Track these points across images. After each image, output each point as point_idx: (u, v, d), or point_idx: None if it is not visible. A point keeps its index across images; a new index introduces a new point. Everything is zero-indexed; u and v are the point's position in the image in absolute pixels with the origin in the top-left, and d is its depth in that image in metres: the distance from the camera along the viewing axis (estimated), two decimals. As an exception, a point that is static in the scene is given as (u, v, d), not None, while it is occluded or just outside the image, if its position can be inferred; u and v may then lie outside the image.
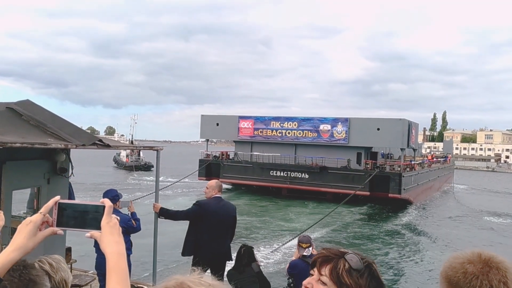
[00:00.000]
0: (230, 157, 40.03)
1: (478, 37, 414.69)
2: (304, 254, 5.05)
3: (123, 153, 63.59)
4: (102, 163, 62.42)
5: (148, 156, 57.88)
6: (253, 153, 38.79)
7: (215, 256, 5.57)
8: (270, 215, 27.04)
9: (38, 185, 5.13)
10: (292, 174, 35.19)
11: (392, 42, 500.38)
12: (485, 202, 38.69)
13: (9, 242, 1.25)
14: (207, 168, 38.20)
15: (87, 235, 1.26)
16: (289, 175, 35.21)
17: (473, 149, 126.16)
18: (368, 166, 33.45)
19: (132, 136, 68.58)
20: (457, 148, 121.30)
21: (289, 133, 38.00)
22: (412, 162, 38.40)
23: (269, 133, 38.79)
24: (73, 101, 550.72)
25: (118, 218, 1.29)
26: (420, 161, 42.50)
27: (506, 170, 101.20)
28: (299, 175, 34.97)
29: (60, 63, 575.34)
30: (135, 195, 25.95)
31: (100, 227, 1.24)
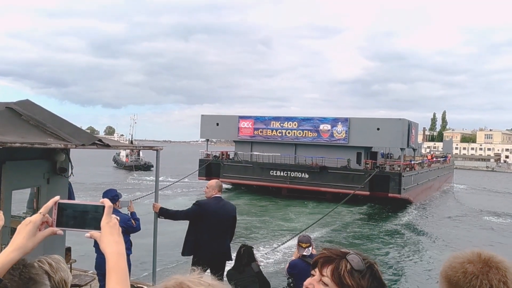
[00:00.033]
0: (230, 157, 40.03)
1: (478, 37, 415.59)
2: (304, 254, 5.05)
3: (123, 153, 63.61)
4: (102, 163, 62.40)
5: (148, 156, 57.90)
6: (253, 153, 38.79)
7: (215, 256, 5.57)
8: (270, 215, 27.04)
9: (38, 185, 5.13)
10: (292, 174, 35.20)
11: (392, 42, 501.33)
12: (485, 202, 38.69)
13: (9, 242, 1.25)
14: (207, 168, 38.20)
15: (87, 235, 1.26)
16: (289, 175, 35.22)
17: (473, 149, 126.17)
18: (368, 166, 33.44)
19: (132, 136, 68.59)
20: (457, 148, 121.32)
21: (289, 133, 38.00)
22: (412, 162, 38.41)
23: (269, 133, 38.79)
24: (73, 101, 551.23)
25: (118, 218, 1.29)
26: (420, 161, 42.52)
27: (506, 170, 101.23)
28: (299, 175, 34.98)
29: (60, 63, 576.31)
30: (135, 195, 25.94)
31: (100, 227, 1.24)
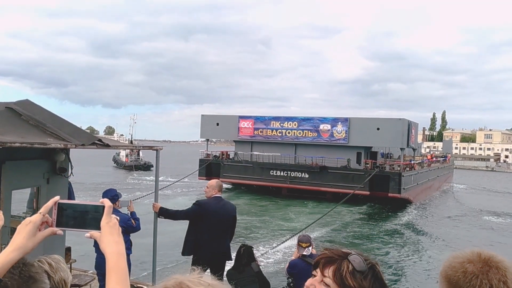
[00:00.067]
0: (230, 157, 40.04)
1: (478, 37, 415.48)
2: (304, 254, 5.05)
3: (123, 153, 63.61)
4: (102, 163, 62.40)
5: (148, 156, 57.90)
6: (253, 153, 38.79)
7: (215, 256, 5.57)
8: (270, 215, 27.04)
9: (38, 185, 5.12)
10: (292, 174, 35.20)
11: (392, 42, 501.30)
12: (485, 202, 38.69)
13: (9, 242, 1.25)
14: (207, 168, 38.21)
15: (87, 235, 1.26)
16: (289, 175, 35.22)
17: (473, 149, 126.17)
18: (368, 166, 33.44)
19: (132, 136, 68.60)
20: (457, 148, 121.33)
21: (289, 133, 38.00)
22: (412, 162, 38.41)
23: (269, 133, 38.79)
24: (73, 101, 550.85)
25: (118, 218, 1.29)
26: (420, 161, 42.53)
27: (506, 170, 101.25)
28: (299, 175, 34.98)
29: (60, 63, 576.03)
30: (135, 195, 25.93)
31: (100, 227, 1.24)
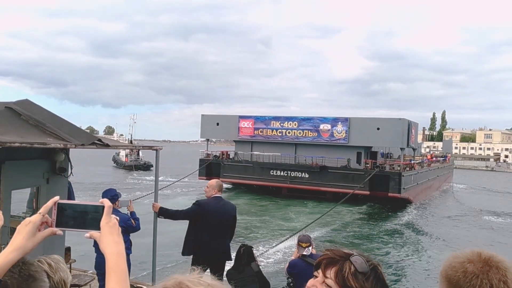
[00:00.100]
0: (231, 157, 40.05)
1: (478, 37, 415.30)
2: (304, 254, 5.05)
3: (122, 153, 63.64)
4: (101, 163, 62.41)
5: (148, 156, 57.89)
6: (253, 153, 38.80)
7: (215, 256, 5.57)
8: (270, 215, 27.05)
9: (37, 185, 5.12)
10: (292, 174, 35.21)
11: (392, 42, 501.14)
12: (485, 202, 38.71)
13: (9, 242, 1.25)
14: (208, 168, 38.22)
15: (87, 236, 1.26)
16: (289, 175, 35.23)
17: (472, 149, 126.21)
18: (368, 166, 33.45)
19: (131, 136, 68.58)
20: (457, 148, 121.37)
21: (289, 133, 38.01)
22: (412, 162, 38.44)
23: (269, 133, 38.80)
24: (72, 101, 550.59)
25: (118, 218, 1.29)
26: (420, 161, 42.56)
27: (505, 170, 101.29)
28: (299, 175, 34.99)
29: (60, 63, 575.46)
30: (135, 195, 25.94)
31: (100, 227, 1.24)
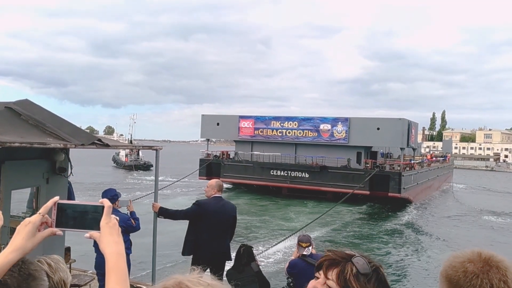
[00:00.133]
0: (231, 157, 40.06)
1: (478, 37, 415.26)
2: (304, 254, 5.04)
3: (122, 153, 63.64)
4: (101, 163, 62.42)
5: (147, 156, 57.90)
6: (254, 153, 38.81)
7: (215, 256, 5.56)
8: (270, 215, 27.06)
9: (37, 185, 5.11)
10: (293, 174, 35.22)
11: (392, 42, 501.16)
12: (484, 201, 38.72)
13: (8, 242, 1.25)
14: (208, 168, 38.24)
15: (86, 236, 1.26)
16: (290, 175, 35.25)
17: (472, 149, 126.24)
18: (368, 166, 33.47)
19: (131, 136, 68.59)
20: (456, 148, 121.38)
21: (290, 133, 38.02)
22: (412, 162, 38.46)
23: (270, 133, 38.80)
24: (72, 101, 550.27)
25: (118, 218, 1.29)
26: (420, 161, 42.57)
27: (505, 170, 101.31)
28: (299, 175, 35.00)
29: (60, 63, 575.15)
30: (135, 195, 25.94)
31: (100, 228, 1.24)
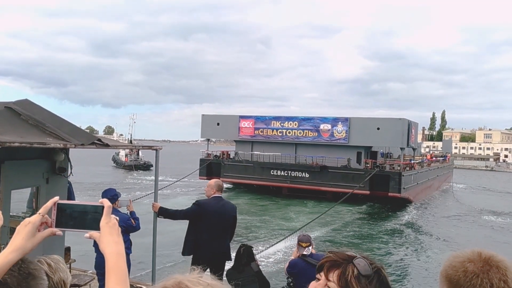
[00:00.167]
0: (231, 157, 40.06)
1: (477, 36, 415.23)
2: (304, 253, 5.04)
3: (122, 153, 63.62)
4: (101, 163, 62.41)
5: (147, 156, 57.88)
6: (254, 153, 38.82)
7: (215, 256, 5.56)
8: (270, 214, 27.06)
9: (37, 185, 5.11)
10: (293, 174, 35.23)
11: (391, 41, 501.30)
12: (484, 201, 38.72)
13: (8, 242, 1.25)
14: (208, 168, 38.24)
15: (86, 236, 1.26)
16: (290, 175, 35.25)
17: (472, 148, 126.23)
18: (368, 165, 33.48)
19: (131, 136, 68.55)
20: (456, 147, 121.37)
21: (290, 133, 38.03)
22: (412, 161, 38.46)
23: (270, 133, 38.81)
24: (72, 101, 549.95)
25: (117, 218, 1.29)
26: (420, 160, 42.57)
27: (505, 169, 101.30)
28: (300, 175, 35.01)
29: (60, 63, 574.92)
30: (135, 195, 25.94)
31: (99, 228, 1.24)
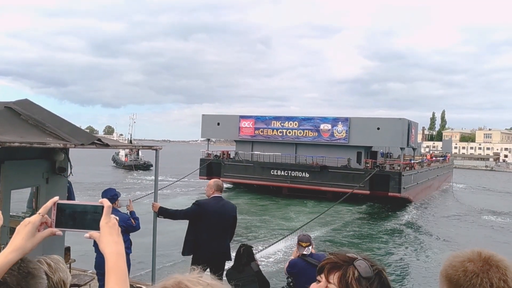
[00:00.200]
0: (231, 157, 40.07)
1: (477, 36, 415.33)
2: (304, 253, 5.04)
3: (122, 153, 63.63)
4: (101, 163, 62.42)
5: (147, 156, 57.87)
6: (254, 153, 38.82)
7: (215, 256, 5.56)
8: (270, 214, 27.06)
9: (37, 185, 5.11)
10: (293, 173, 35.23)
11: (391, 41, 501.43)
12: (484, 201, 38.73)
13: (8, 242, 1.25)
14: (208, 167, 38.25)
15: (86, 236, 1.26)
16: (290, 174, 35.26)
17: (472, 148, 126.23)
18: (368, 165, 33.49)
19: (131, 136, 68.55)
20: (456, 147, 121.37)
21: (290, 133, 38.03)
22: (412, 161, 38.47)
23: (270, 133, 38.81)
24: (72, 101, 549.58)
25: (117, 218, 1.29)
26: (420, 160, 42.57)
27: (505, 169, 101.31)
28: (300, 174, 35.02)
29: (59, 63, 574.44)
30: (135, 195, 25.94)
31: (99, 228, 1.24)
